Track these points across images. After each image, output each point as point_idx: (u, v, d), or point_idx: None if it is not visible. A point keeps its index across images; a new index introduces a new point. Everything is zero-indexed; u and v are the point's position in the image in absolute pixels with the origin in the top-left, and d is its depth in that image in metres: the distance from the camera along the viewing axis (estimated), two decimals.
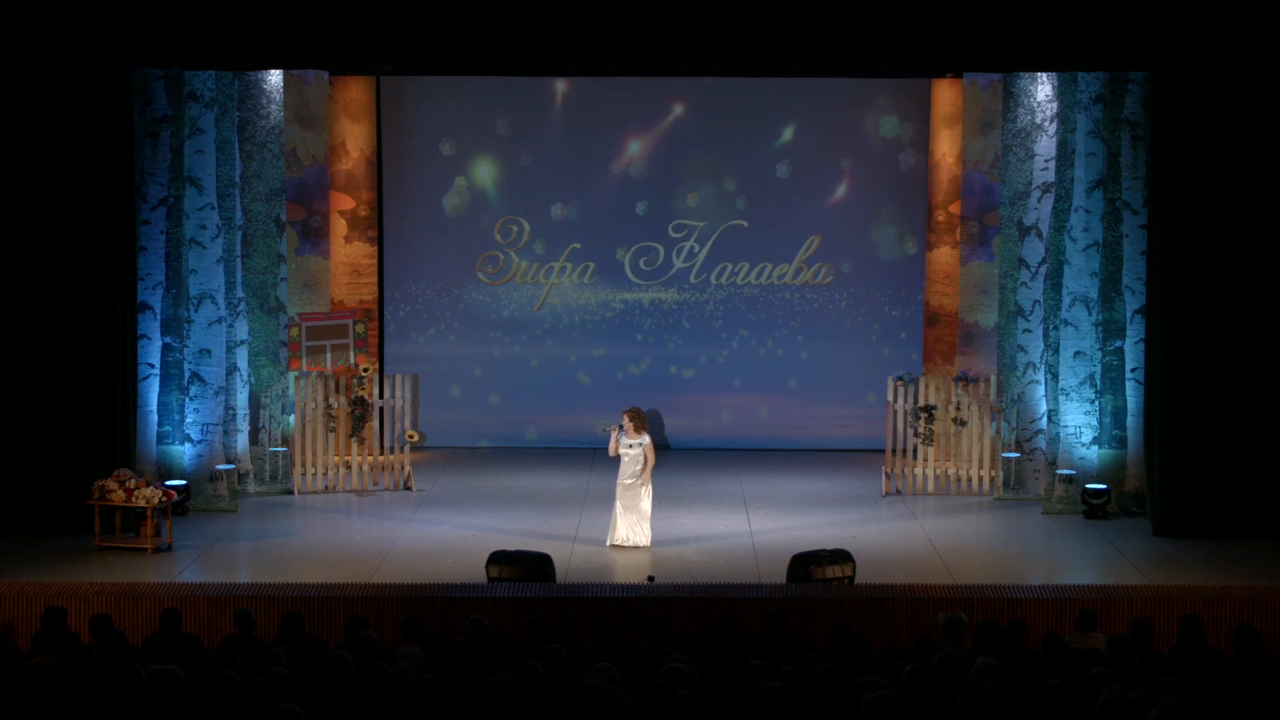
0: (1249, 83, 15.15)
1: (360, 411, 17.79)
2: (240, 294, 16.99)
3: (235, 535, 15.66)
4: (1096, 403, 16.59)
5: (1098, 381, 16.60)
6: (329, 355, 17.96)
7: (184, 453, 16.56)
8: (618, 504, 15.23)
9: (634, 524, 15.18)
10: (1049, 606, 12.86)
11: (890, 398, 17.85)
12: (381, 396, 18.18)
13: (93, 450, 15.55)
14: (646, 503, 15.20)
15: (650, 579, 13.72)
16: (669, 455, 19.82)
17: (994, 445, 17.52)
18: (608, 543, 15.21)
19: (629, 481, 15.17)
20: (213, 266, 16.52)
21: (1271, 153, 15.30)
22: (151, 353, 16.42)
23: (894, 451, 17.73)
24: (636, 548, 15.09)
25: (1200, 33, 14.80)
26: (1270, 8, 14.72)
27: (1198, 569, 14.29)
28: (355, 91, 19.49)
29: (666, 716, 7.69)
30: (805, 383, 20.40)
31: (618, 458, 15.36)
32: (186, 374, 16.55)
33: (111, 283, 15.69)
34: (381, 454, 18.14)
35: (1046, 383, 16.94)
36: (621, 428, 15.31)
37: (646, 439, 15.33)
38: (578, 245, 20.26)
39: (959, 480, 17.65)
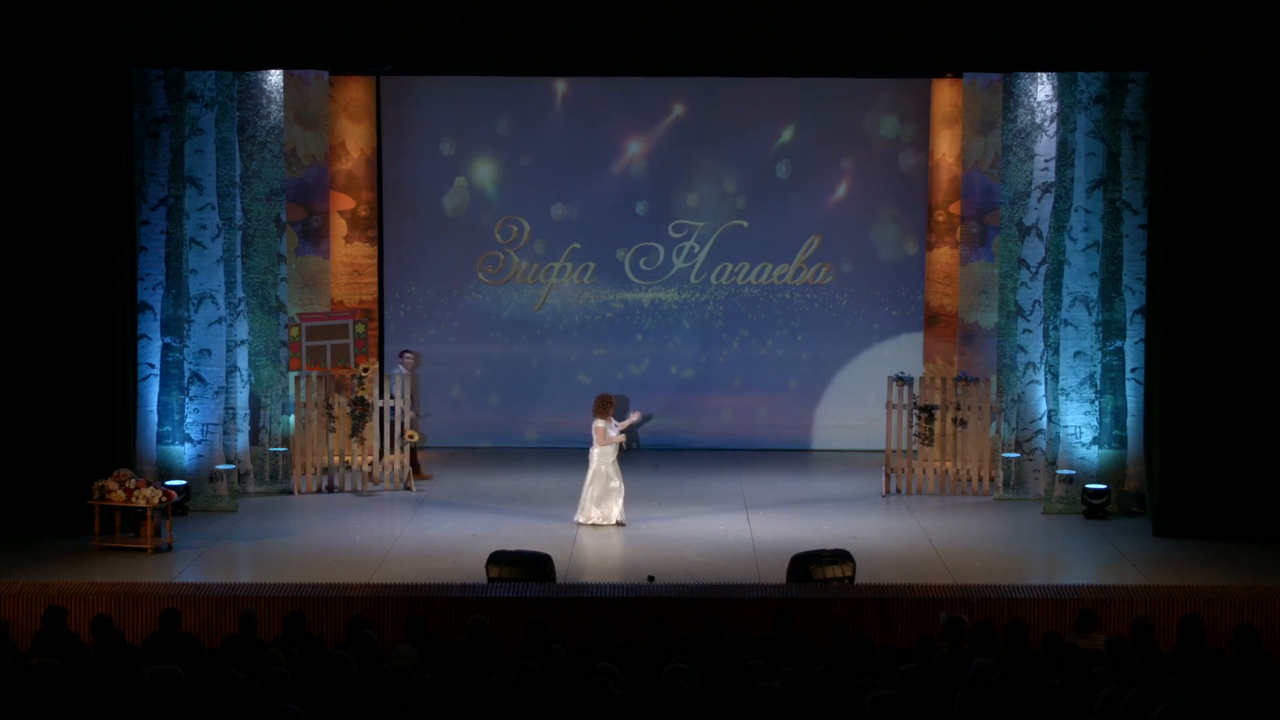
0: (1249, 83, 15.15)
1: (360, 411, 17.78)
2: (240, 294, 16.99)
3: (235, 535, 15.66)
4: (1096, 403, 16.59)
5: (1098, 381, 16.59)
6: (329, 355, 17.96)
7: (184, 453, 16.56)
8: (617, 482, 16.07)
9: (615, 501, 16.10)
10: (1049, 606, 12.86)
11: (890, 398, 17.85)
12: (381, 396, 18.18)
13: (93, 450, 15.55)
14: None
15: (650, 579, 13.72)
16: (670, 455, 19.83)
17: (994, 445, 17.52)
18: (616, 520, 16.01)
19: (612, 462, 16.11)
20: (213, 266, 16.52)
21: (1271, 153, 15.30)
22: (151, 353, 16.42)
23: (894, 451, 17.73)
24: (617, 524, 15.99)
25: (1200, 33, 14.79)
26: (1270, 8, 14.72)
27: (1198, 569, 14.29)
28: (355, 91, 19.49)
29: (666, 716, 7.70)
30: (805, 383, 20.40)
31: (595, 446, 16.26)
32: (186, 374, 16.55)
33: (111, 283, 15.69)
34: (381, 454, 18.14)
35: (1046, 383, 16.94)
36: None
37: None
38: (578, 245, 20.27)
39: (959, 480, 17.65)
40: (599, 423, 16.16)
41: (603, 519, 16.02)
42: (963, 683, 8.37)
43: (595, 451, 16.16)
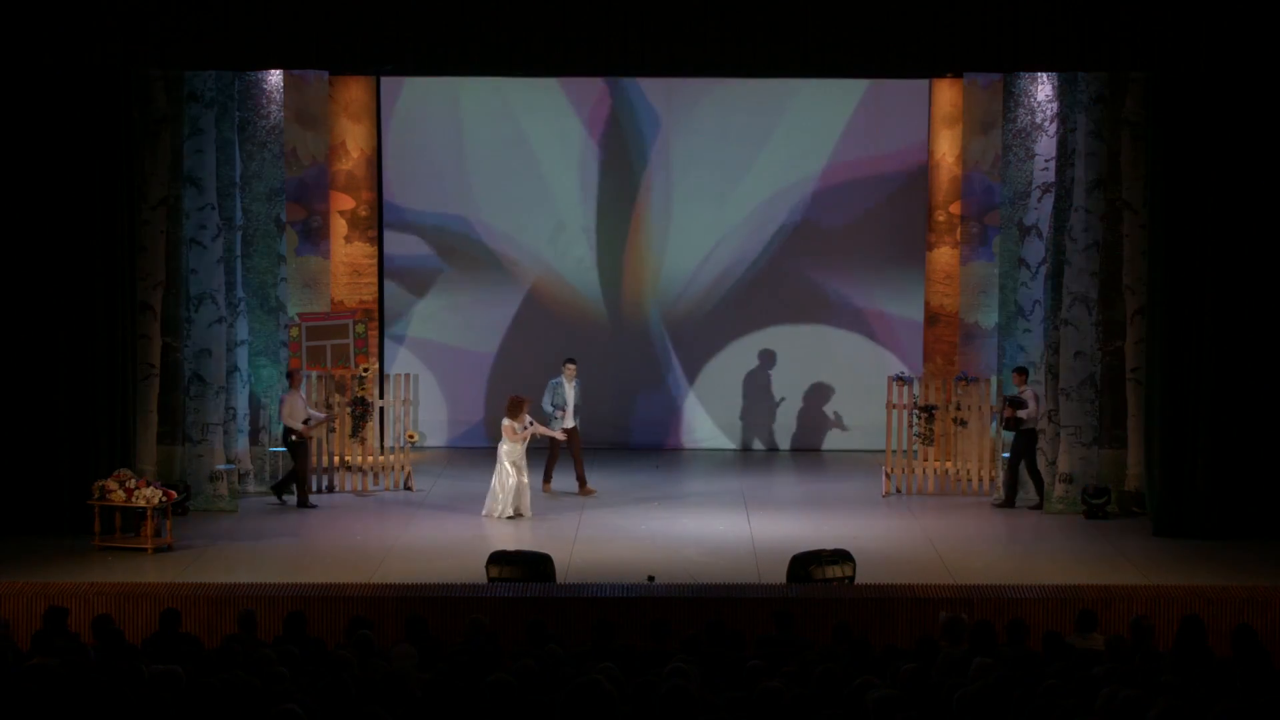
0: (1248, 83, 15.15)
1: (360, 411, 17.79)
2: (240, 294, 16.98)
3: (235, 535, 15.66)
4: (1096, 403, 16.59)
5: (1098, 381, 16.60)
6: (329, 355, 17.96)
7: (184, 453, 16.55)
8: (523, 478, 16.52)
9: (524, 495, 16.56)
10: (1049, 606, 12.86)
11: (890, 398, 17.85)
12: (381, 396, 18.19)
13: (93, 450, 15.55)
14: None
15: (650, 579, 13.72)
16: (670, 455, 19.82)
17: (994, 445, 17.52)
18: (505, 514, 16.36)
19: (519, 459, 16.54)
20: (213, 266, 16.51)
21: (1271, 153, 15.30)
22: (151, 353, 16.41)
23: (894, 451, 17.73)
24: (524, 517, 16.46)
25: (1200, 33, 14.81)
26: (1270, 8, 14.73)
27: (1198, 569, 14.29)
28: (355, 91, 19.49)
29: (666, 716, 7.70)
30: (806, 383, 20.38)
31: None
32: (186, 374, 16.54)
33: (111, 283, 15.69)
34: (381, 454, 18.15)
35: (1046, 383, 16.94)
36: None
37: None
38: (578, 244, 20.25)
39: (959, 480, 17.65)
40: (508, 422, 16.58)
41: (515, 511, 16.40)
42: (963, 683, 8.36)
43: (504, 449, 16.50)
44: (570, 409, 17.67)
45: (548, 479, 17.66)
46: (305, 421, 16.91)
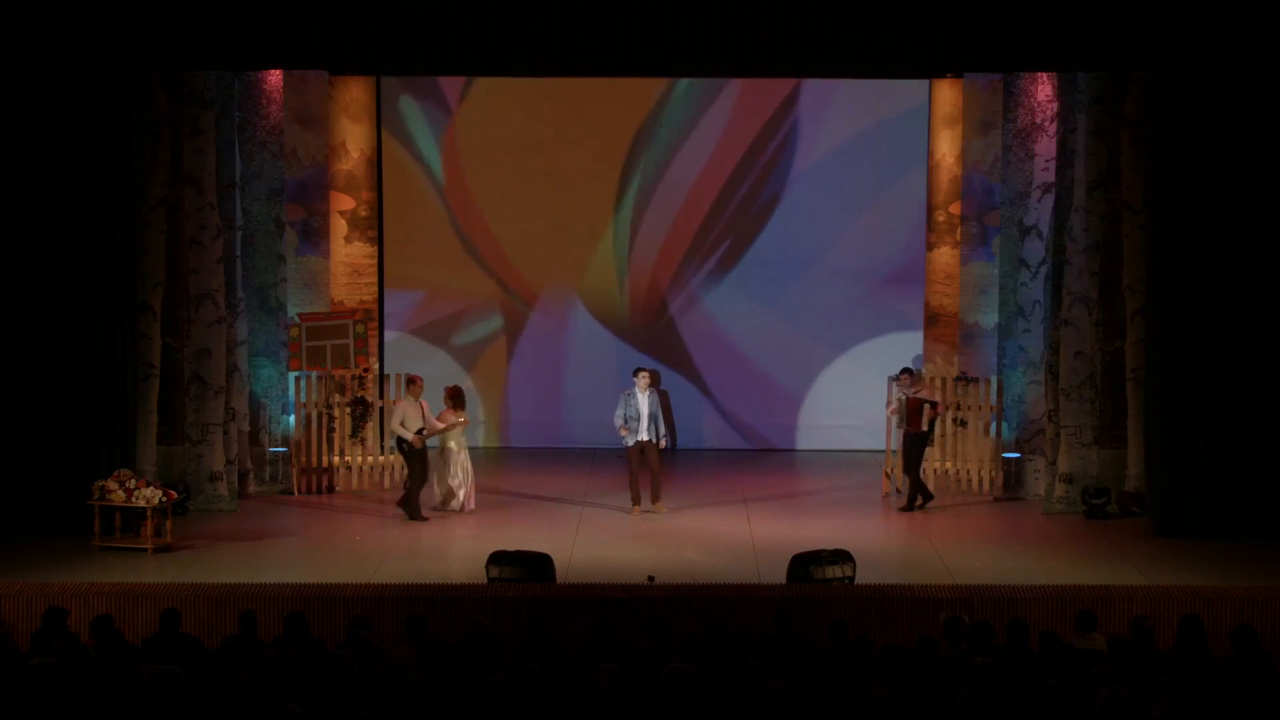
0: (1248, 82, 15.15)
1: (360, 411, 17.79)
2: (240, 294, 16.99)
3: (235, 535, 15.66)
4: (1096, 403, 16.59)
5: (1098, 381, 16.60)
6: (329, 355, 17.96)
7: (184, 453, 16.56)
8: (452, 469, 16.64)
9: (461, 486, 16.65)
10: (1049, 606, 12.87)
11: (890, 398, 17.84)
12: (381, 397, 18.19)
13: (93, 450, 15.55)
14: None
15: (650, 579, 13.72)
16: (670, 455, 19.80)
17: (994, 445, 17.53)
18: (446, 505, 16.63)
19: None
20: (213, 266, 16.52)
21: (1271, 153, 15.30)
22: (152, 353, 16.42)
23: (894, 451, 17.73)
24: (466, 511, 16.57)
25: (1200, 33, 14.81)
26: (1269, 8, 14.74)
27: (1198, 569, 14.30)
28: (355, 91, 19.47)
29: (666, 716, 7.70)
30: (806, 383, 20.38)
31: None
32: (186, 374, 16.55)
33: (111, 283, 15.70)
34: (381, 454, 18.15)
35: (1046, 383, 16.95)
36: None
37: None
38: (579, 245, 20.24)
39: (959, 480, 17.65)
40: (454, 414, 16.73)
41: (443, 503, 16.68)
42: (963, 683, 8.37)
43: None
44: (644, 422, 16.62)
45: (637, 500, 16.68)
46: (419, 431, 16.57)
